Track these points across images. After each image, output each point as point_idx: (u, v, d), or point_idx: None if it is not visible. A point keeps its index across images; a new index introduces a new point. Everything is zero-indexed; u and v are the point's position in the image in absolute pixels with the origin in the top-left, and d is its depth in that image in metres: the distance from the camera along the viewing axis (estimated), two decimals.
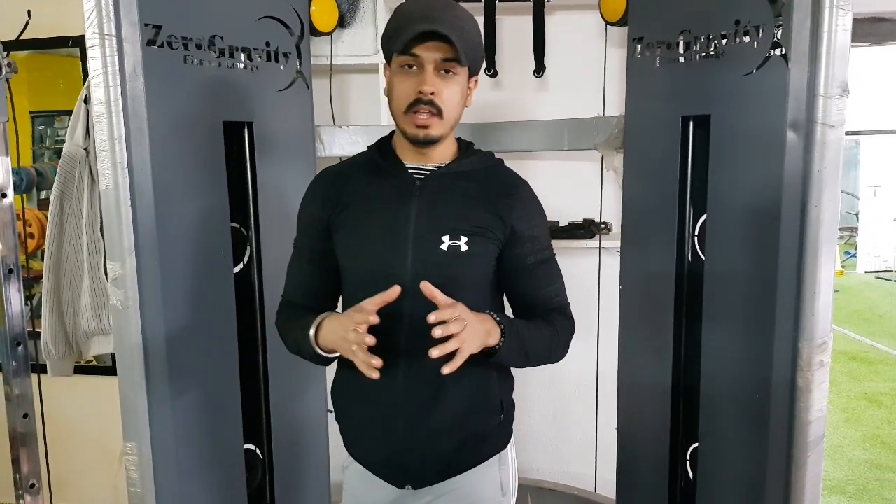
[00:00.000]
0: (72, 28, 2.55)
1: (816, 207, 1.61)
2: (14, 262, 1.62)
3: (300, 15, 2.08)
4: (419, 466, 1.38)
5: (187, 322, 1.81)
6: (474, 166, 1.41)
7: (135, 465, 1.73)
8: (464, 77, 1.33)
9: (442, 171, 1.38)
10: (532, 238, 1.39)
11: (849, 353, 6.01)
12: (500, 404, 1.43)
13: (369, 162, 1.43)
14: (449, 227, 1.32)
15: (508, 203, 1.36)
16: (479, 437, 1.41)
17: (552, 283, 1.45)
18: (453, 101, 1.32)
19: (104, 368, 2.78)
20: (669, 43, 1.89)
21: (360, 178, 1.42)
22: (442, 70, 1.29)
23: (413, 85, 1.29)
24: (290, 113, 2.08)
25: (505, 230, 1.35)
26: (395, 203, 1.36)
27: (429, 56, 1.27)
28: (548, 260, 1.43)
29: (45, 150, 2.79)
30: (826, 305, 1.64)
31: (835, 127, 1.58)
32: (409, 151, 1.39)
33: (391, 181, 1.38)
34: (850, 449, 4.13)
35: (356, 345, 1.19)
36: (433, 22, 1.25)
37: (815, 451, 1.68)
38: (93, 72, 1.61)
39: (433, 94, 1.28)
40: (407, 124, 1.32)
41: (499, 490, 1.44)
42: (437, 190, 1.36)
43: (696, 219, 1.95)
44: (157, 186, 1.70)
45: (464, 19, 1.31)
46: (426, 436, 1.36)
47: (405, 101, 1.30)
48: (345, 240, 1.39)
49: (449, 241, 1.31)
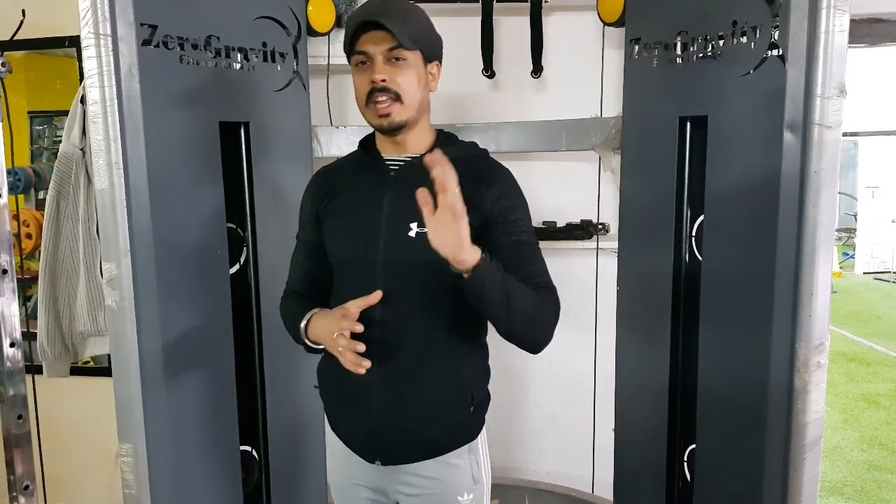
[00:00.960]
0: (68, 28, 2.54)
1: (814, 208, 1.61)
2: (8, 263, 1.61)
3: (297, 15, 2.07)
4: (390, 444, 1.45)
5: (183, 323, 1.81)
6: (451, 156, 1.35)
7: (130, 467, 1.72)
8: (416, 61, 1.40)
9: (415, 160, 1.44)
10: (505, 218, 1.39)
11: (847, 354, 6.01)
12: (470, 395, 1.48)
13: (356, 158, 1.54)
14: (418, 214, 1.27)
15: (481, 189, 1.38)
16: (450, 424, 1.47)
17: (532, 263, 1.41)
18: (410, 86, 1.38)
19: (100, 369, 2.77)
20: (667, 43, 1.89)
21: (348, 173, 1.53)
22: (392, 59, 1.37)
23: (367, 78, 1.38)
24: (287, 113, 2.08)
25: (478, 215, 1.34)
26: (372, 193, 1.45)
27: (375, 49, 1.36)
28: (525, 242, 1.41)
29: (44, 151, 2.78)
30: (823, 306, 1.63)
31: (832, 128, 1.58)
32: (387, 143, 1.47)
33: (371, 173, 1.48)
34: (849, 450, 4.13)
35: (343, 348, 1.31)
36: (372, 16, 1.34)
37: (813, 452, 1.68)
38: (88, 72, 1.60)
39: (385, 81, 1.36)
40: (370, 116, 1.41)
41: (470, 479, 1.49)
42: (410, 179, 1.34)
43: (693, 220, 1.95)
44: (153, 187, 1.69)
45: (405, 9, 1.40)
46: (398, 417, 1.43)
47: (363, 93, 1.39)
48: (329, 228, 1.50)
49: (417, 228, 1.36)
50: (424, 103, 1.43)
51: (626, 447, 2.17)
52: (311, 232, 1.55)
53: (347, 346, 1.30)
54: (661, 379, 2.00)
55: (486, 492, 1.53)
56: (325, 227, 1.50)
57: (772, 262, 1.67)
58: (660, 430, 2.03)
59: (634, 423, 2.13)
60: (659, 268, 1.98)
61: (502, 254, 1.34)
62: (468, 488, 1.49)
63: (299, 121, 2.13)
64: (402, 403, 1.42)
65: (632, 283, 2.10)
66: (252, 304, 2.04)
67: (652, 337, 2.03)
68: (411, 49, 1.36)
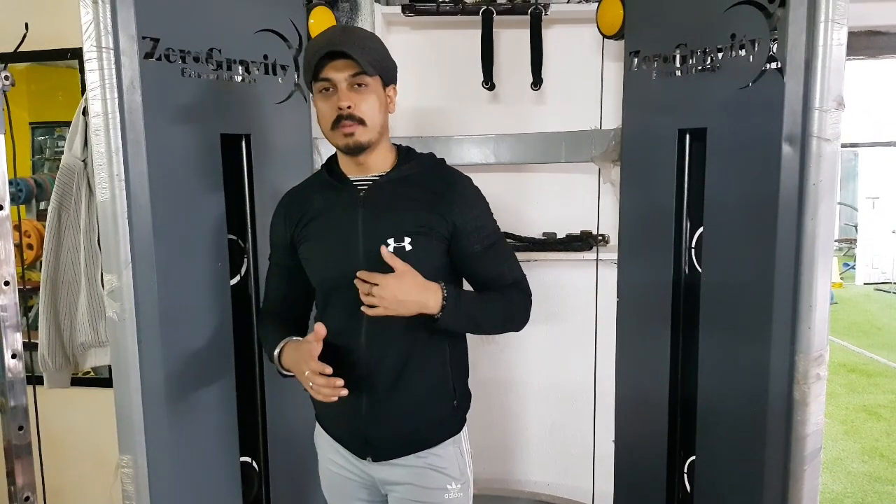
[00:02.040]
0: (70, 40, 2.55)
1: (812, 220, 1.61)
2: (11, 274, 1.61)
3: (298, 28, 2.08)
4: (380, 442, 1.55)
5: (184, 334, 1.81)
6: (413, 170, 1.54)
7: (131, 478, 1.72)
8: (377, 86, 1.47)
9: (382, 179, 1.52)
10: (476, 228, 1.51)
11: (848, 365, 6.00)
12: (453, 390, 1.58)
13: (322, 181, 1.59)
14: (392, 230, 1.47)
15: (447, 200, 1.49)
16: (435, 419, 1.57)
17: (502, 262, 1.57)
18: (372, 110, 1.46)
19: (101, 380, 2.77)
20: (666, 56, 1.90)
21: (317, 196, 1.58)
22: (354, 85, 1.44)
23: (332, 104, 1.44)
24: (288, 125, 2.09)
25: (447, 226, 1.48)
26: (345, 215, 1.51)
27: (338, 76, 1.43)
28: (494, 244, 1.55)
29: (45, 162, 2.79)
30: (822, 318, 1.64)
31: (830, 140, 1.59)
32: (351, 165, 1.53)
33: (340, 195, 1.54)
34: (849, 461, 4.11)
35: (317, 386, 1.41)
36: (334, 45, 1.41)
37: (812, 463, 1.68)
38: (90, 84, 1.61)
39: (350, 108, 1.43)
40: (336, 138, 1.47)
41: (457, 470, 1.58)
42: (380, 197, 1.51)
43: (692, 231, 1.95)
44: (154, 198, 1.70)
45: (364, 38, 1.48)
46: (386, 416, 1.53)
47: (329, 119, 1.46)
48: (307, 253, 1.57)
49: (394, 243, 1.45)
50: (385, 125, 1.52)
51: (626, 458, 2.17)
52: (284, 255, 1.62)
53: (324, 384, 1.39)
54: (661, 390, 2.00)
55: (470, 484, 1.62)
56: (303, 251, 1.57)
57: (771, 274, 1.68)
58: (660, 442, 2.02)
59: (634, 435, 2.13)
60: (659, 279, 1.99)
61: (477, 261, 1.53)
62: (455, 479, 1.58)
63: (300, 132, 2.14)
64: (390, 402, 1.52)
65: (632, 295, 2.11)
66: (252, 315, 2.04)
67: (652, 348, 2.03)
68: (372, 75, 1.44)
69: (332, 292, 1.55)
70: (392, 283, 1.38)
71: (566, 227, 2.58)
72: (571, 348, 2.68)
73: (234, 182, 1.97)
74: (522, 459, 2.82)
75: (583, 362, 2.61)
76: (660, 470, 2.04)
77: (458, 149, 2.39)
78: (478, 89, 2.46)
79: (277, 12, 2.02)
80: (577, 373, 2.65)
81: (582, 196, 2.59)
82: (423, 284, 1.42)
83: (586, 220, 2.57)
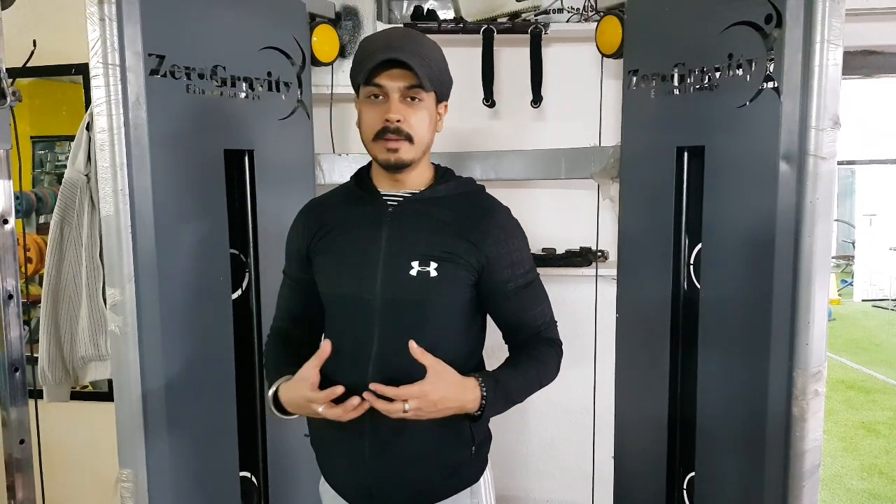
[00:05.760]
0: (75, 56, 2.58)
1: (809, 238, 1.63)
2: (14, 288, 1.62)
3: (301, 46, 2.11)
4: (385, 493, 1.38)
5: (185, 348, 1.81)
6: (449, 192, 1.42)
7: (130, 492, 1.72)
8: (430, 102, 1.36)
9: (415, 197, 1.40)
10: (511, 264, 1.38)
11: (846, 381, 6.00)
12: (471, 435, 1.39)
13: (349, 192, 1.47)
14: (419, 252, 1.33)
15: (482, 229, 1.36)
16: (449, 467, 1.40)
17: (537, 305, 1.45)
18: (422, 127, 1.34)
19: (101, 394, 2.77)
20: (664, 75, 1.92)
21: (340, 208, 1.46)
22: (407, 97, 1.32)
23: (380, 114, 1.32)
24: (291, 141, 2.10)
25: (479, 257, 1.35)
26: (368, 229, 1.38)
27: (392, 85, 1.30)
28: (530, 283, 1.43)
29: (46, 175, 2.80)
30: (820, 335, 1.65)
31: (826, 159, 1.60)
32: (385, 179, 1.41)
33: (366, 208, 1.41)
34: (848, 478, 4.11)
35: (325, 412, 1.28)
36: (394, 51, 1.28)
37: (811, 480, 1.68)
38: (96, 100, 1.62)
39: (399, 122, 1.31)
40: (378, 150, 1.35)
41: None
42: (409, 216, 1.38)
43: (691, 248, 1.96)
44: (158, 213, 1.71)
45: (426, 46, 1.35)
46: (392, 463, 1.36)
47: (373, 129, 1.33)
48: (321, 266, 1.43)
49: (419, 267, 1.32)
50: (431, 143, 1.40)
51: (625, 475, 2.17)
52: (298, 268, 1.50)
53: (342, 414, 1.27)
54: (661, 406, 2.01)
55: None
56: (317, 264, 1.44)
57: (769, 291, 1.69)
58: (659, 458, 2.02)
59: (634, 451, 2.13)
60: (657, 295, 1.99)
61: (508, 300, 1.39)
62: None
63: (303, 148, 2.16)
64: (396, 448, 1.35)
65: (631, 310, 2.11)
66: (254, 330, 2.05)
67: (651, 364, 2.03)
68: (428, 90, 1.32)
69: (341, 310, 1.41)
70: (428, 391, 1.23)
71: (565, 243, 2.59)
72: (571, 364, 2.66)
73: (237, 197, 1.98)
74: (522, 475, 2.81)
75: (582, 378, 2.62)
76: (659, 486, 2.03)
77: (458, 165, 2.40)
78: (478, 106, 2.48)
79: (281, 30, 2.05)
80: (576, 388, 2.65)
81: (581, 212, 2.60)
82: (460, 384, 1.27)
83: (585, 236, 2.58)
